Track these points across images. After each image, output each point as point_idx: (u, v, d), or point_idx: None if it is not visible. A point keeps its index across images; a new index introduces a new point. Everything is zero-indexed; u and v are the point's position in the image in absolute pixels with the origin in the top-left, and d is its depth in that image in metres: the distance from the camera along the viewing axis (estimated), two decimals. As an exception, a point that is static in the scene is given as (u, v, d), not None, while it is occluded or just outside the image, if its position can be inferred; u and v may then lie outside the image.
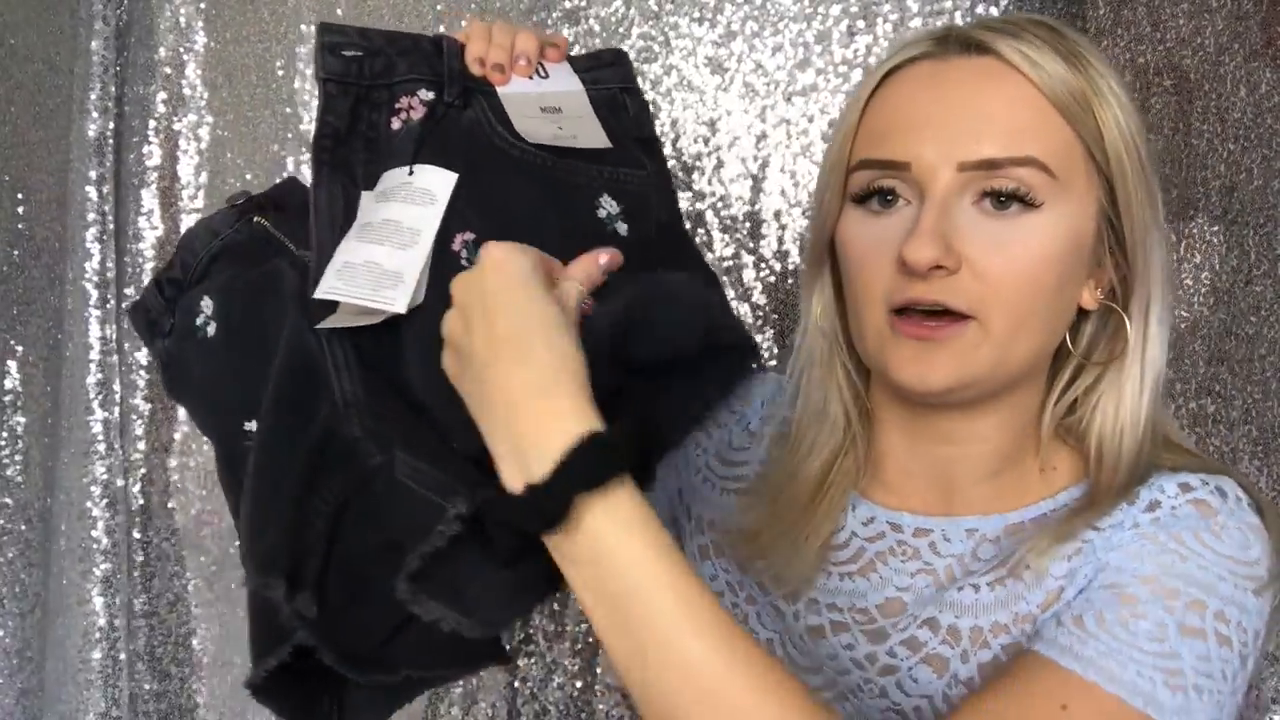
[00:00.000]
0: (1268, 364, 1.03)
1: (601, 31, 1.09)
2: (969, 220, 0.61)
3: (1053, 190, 0.61)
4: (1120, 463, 0.65)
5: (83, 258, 1.13)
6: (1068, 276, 0.63)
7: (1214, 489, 0.64)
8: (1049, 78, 0.61)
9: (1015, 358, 0.63)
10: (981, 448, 0.68)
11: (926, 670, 0.66)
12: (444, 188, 0.61)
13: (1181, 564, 0.60)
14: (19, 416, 1.21)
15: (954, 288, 0.60)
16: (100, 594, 1.13)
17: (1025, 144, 0.60)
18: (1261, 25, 1.03)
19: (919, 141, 0.61)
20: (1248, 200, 1.03)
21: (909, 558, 0.69)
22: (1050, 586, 0.64)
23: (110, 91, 1.14)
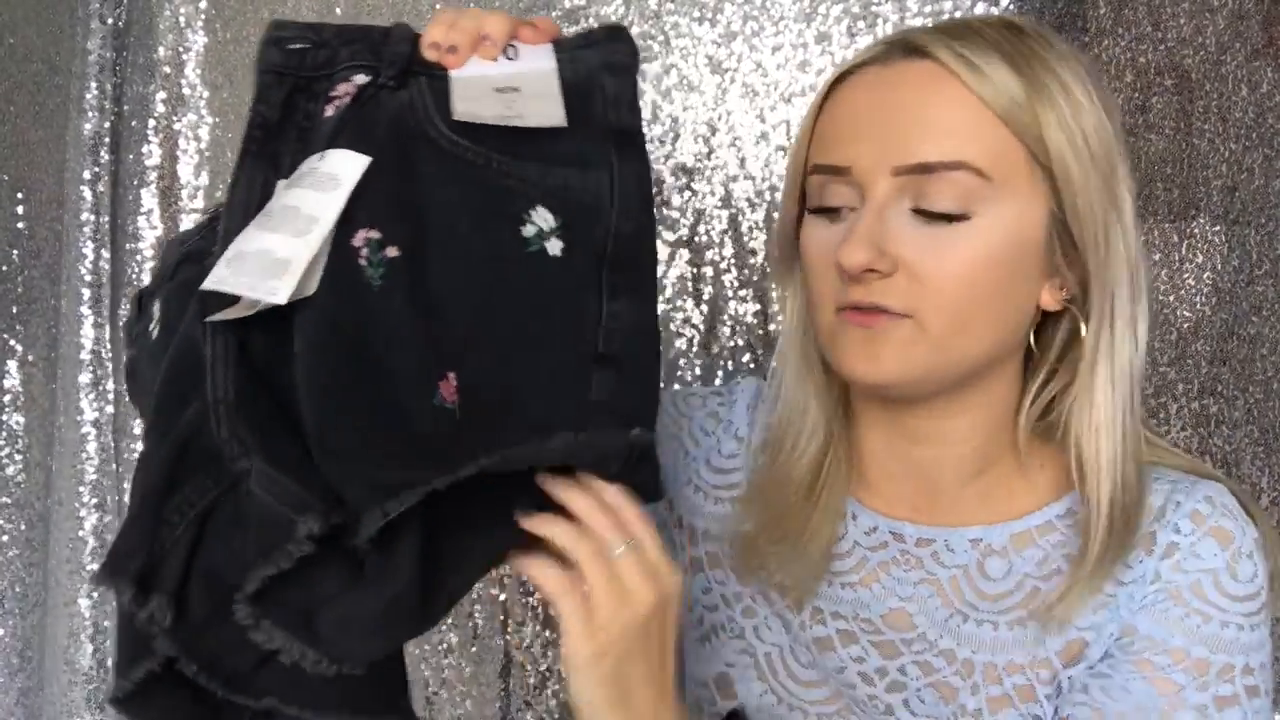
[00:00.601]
0: (1270, 364, 1.02)
1: (601, 31, 1.09)
2: (904, 224, 0.61)
3: (988, 194, 0.61)
4: (1100, 465, 0.65)
5: (77, 258, 1.13)
6: (1012, 279, 0.63)
7: (1221, 509, 0.64)
8: (987, 81, 0.61)
9: (958, 358, 0.63)
10: (959, 449, 0.68)
11: (934, 694, 0.66)
12: (351, 172, 0.55)
13: (1205, 626, 0.62)
14: (18, 416, 1.21)
15: (889, 290, 0.61)
16: (87, 595, 1.13)
17: (958, 148, 0.60)
18: (1263, 24, 1.03)
19: (858, 146, 0.62)
20: (1249, 200, 1.03)
21: (911, 568, 0.69)
22: (1071, 636, 0.65)
23: (107, 90, 1.13)
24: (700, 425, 0.78)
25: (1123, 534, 0.64)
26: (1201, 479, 0.67)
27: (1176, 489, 0.66)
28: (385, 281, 0.54)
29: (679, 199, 1.09)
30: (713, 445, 0.77)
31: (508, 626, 1.13)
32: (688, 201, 1.08)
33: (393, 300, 0.53)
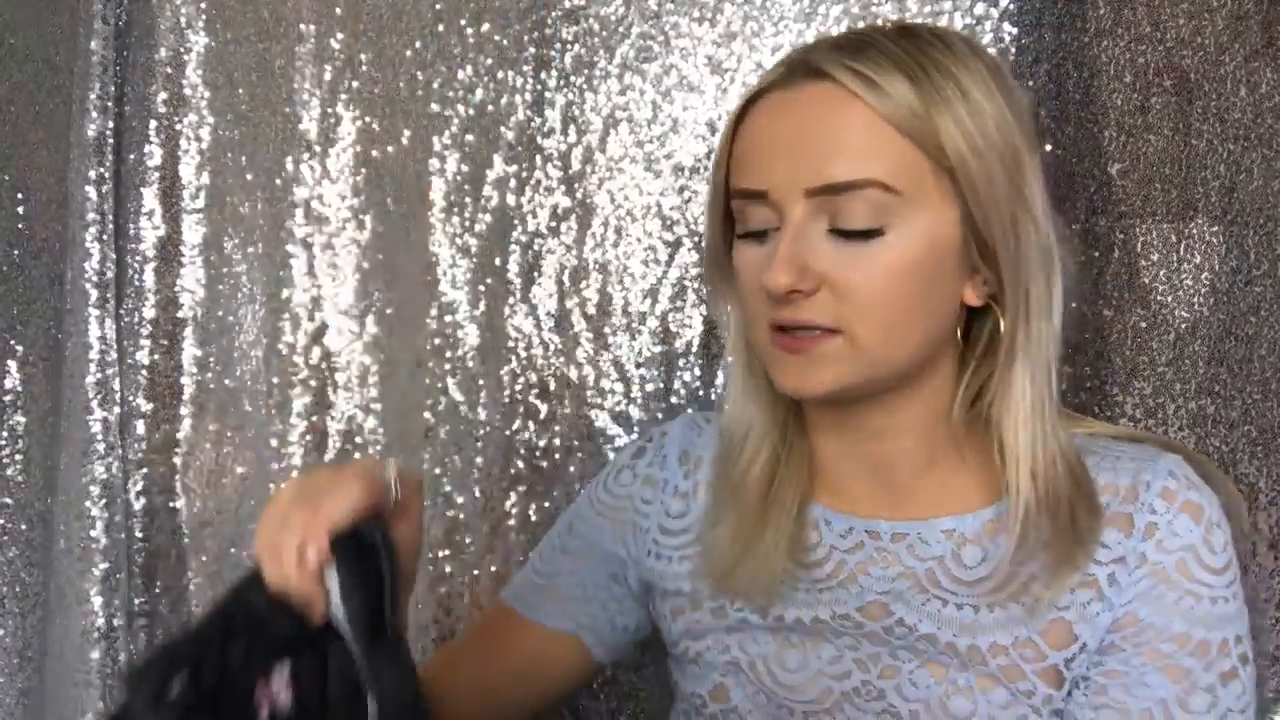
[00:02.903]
0: (1267, 364, 1.03)
1: (601, 31, 1.09)
2: (824, 243, 0.63)
3: (899, 207, 0.63)
4: (1019, 454, 0.67)
5: (82, 258, 1.13)
6: (932, 283, 0.65)
7: (1186, 481, 0.67)
8: (886, 97, 0.62)
9: (890, 364, 0.65)
10: (905, 441, 0.70)
11: (926, 674, 0.68)
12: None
13: (1198, 606, 0.65)
14: (19, 416, 1.22)
15: (816, 307, 0.64)
16: (99, 594, 1.13)
17: (866, 166, 0.62)
18: (1262, 25, 1.03)
19: (771, 170, 0.64)
20: (1248, 200, 1.03)
21: (889, 564, 0.70)
22: (1052, 616, 0.66)
23: (110, 91, 1.14)
24: (640, 498, 0.80)
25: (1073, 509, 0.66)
26: (1160, 452, 0.70)
27: (1141, 467, 0.68)
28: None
29: (678, 199, 1.09)
30: (659, 510, 0.79)
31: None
32: (687, 201, 1.08)
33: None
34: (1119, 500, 0.68)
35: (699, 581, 0.75)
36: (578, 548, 0.83)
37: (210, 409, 1.18)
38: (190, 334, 1.17)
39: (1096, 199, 1.04)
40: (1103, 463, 0.70)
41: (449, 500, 1.15)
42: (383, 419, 1.15)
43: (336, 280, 1.15)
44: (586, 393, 1.12)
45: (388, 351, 1.15)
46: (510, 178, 1.12)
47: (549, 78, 1.10)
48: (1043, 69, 1.03)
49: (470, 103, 1.12)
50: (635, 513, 0.80)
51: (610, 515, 0.81)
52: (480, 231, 1.13)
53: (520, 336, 1.13)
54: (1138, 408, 1.04)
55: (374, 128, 1.13)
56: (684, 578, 0.77)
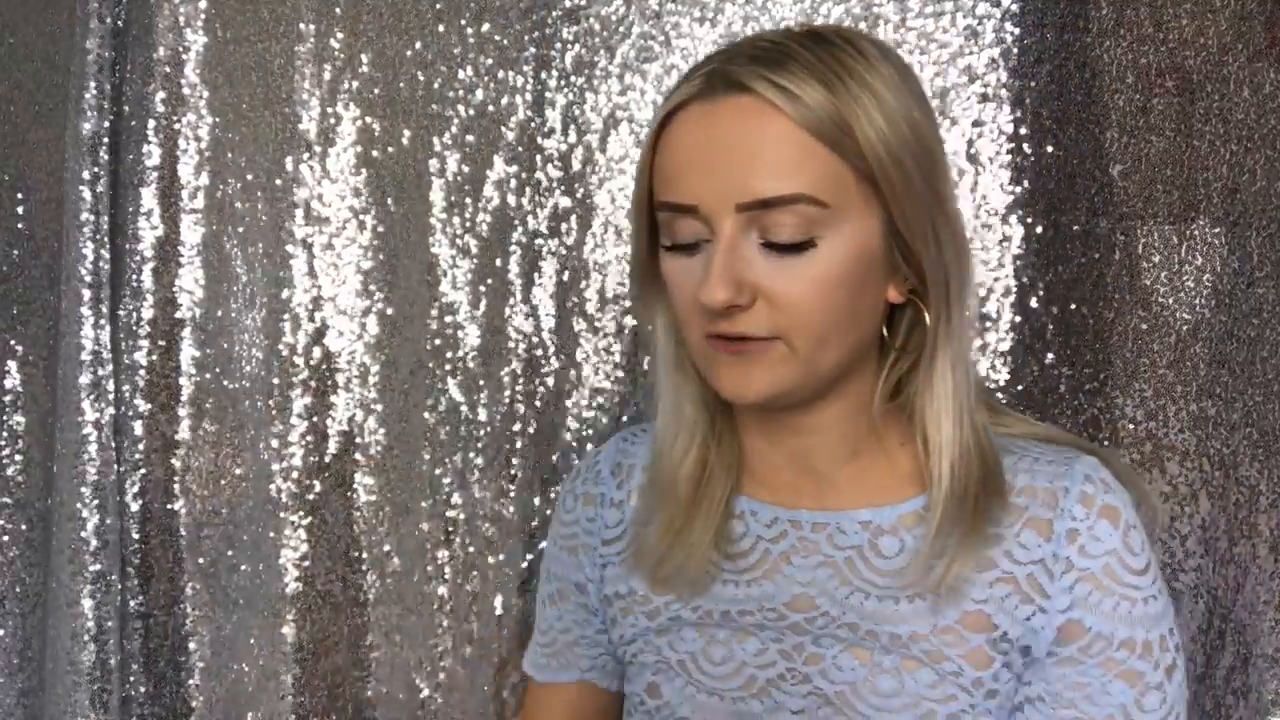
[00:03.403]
0: (1269, 367, 1.02)
1: (601, 30, 1.09)
2: (756, 256, 0.64)
3: (827, 219, 0.64)
4: (941, 444, 0.69)
5: (76, 257, 1.12)
6: (861, 288, 0.66)
7: (1102, 485, 0.70)
8: (806, 110, 0.62)
9: (824, 366, 0.67)
10: (829, 435, 0.72)
11: (850, 658, 0.71)
12: None
13: (1134, 609, 0.68)
14: (19, 416, 1.21)
15: (753, 320, 0.65)
16: (89, 595, 1.13)
17: (793, 181, 0.63)
18: (1265, 25, 1.03)
19: (699, 185, 0.65)
20: (1250, 202, 1.03)
21: (810, 553, 0.73)
22: (968, 608, 0.69)
23: (106, 90, 1.13)
24: (584, 518, 0.83)
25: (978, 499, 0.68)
26: (1076, 455, 0.72)
27: (1058, 472, 0.70)
28: None
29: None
30: (600, 526, 0.82)
31: (503, 628, 1.14)
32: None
33: None
34: (1037, 504, 0.70)
35: (633, 580, 0.78)
36: (557, 592, 0.85)
37: (208, 410, 1.17)
38: (188, 335, 1.16)
39: (1098, 200, 1.04)
40: (1020, 464, 0.71)
41: (449, 500, 1.14)
42: (383, 420, 1.15)
43: (337, 281, 1.15)
44: (586, 393, 1.11)
45: (388, 352, 1.15)
46: (510, 178, 1.11)
47: (549, 78, 1.10)
48: (1045, 69, 1.03)
49: (470, 103, 1.11)
50: (585, 534, 0.82)
51: (568, 546, 0.84)
52: (481, 232, 1.12)
53: (520, 337, 1.12)
54: (1138, 410, 1.03)
55: (374, 128, 1.13)
56: (621, 579, 0.79)
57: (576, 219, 1.11)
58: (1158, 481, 1.03)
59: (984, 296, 1.05)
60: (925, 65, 1.05)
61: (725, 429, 0.76)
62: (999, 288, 1.04)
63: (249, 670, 1.17)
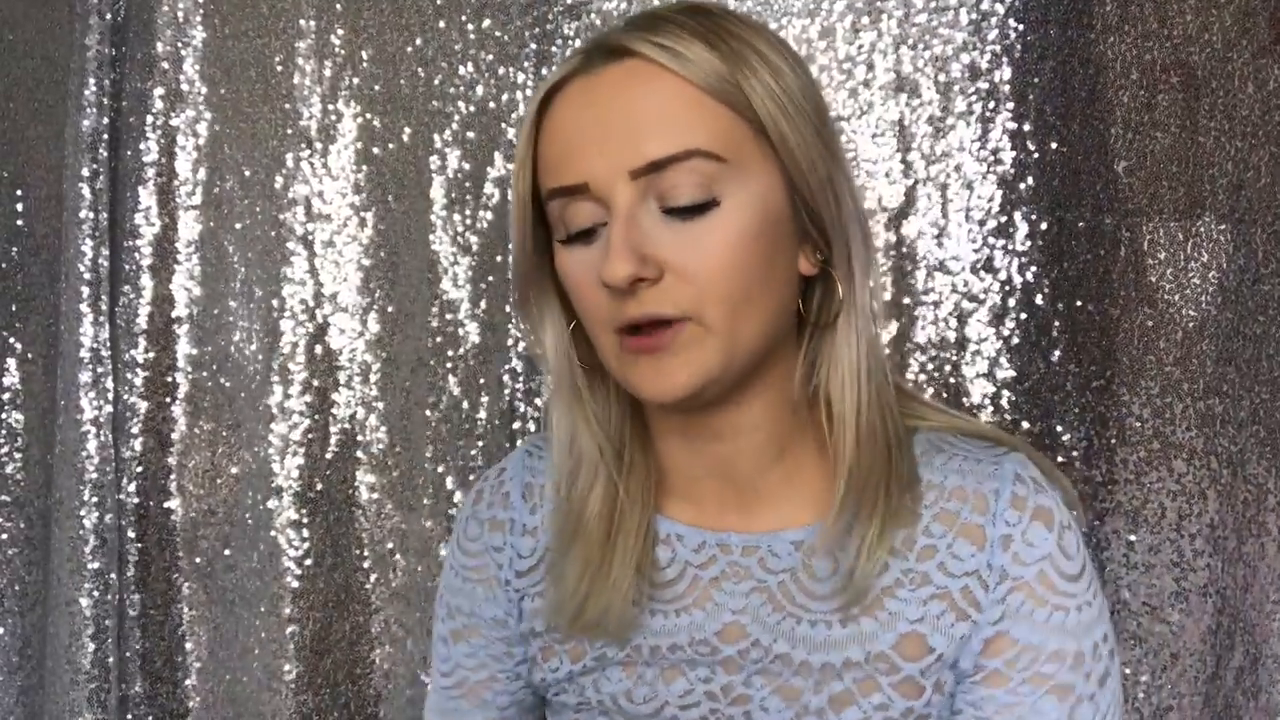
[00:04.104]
0: (1276, 364, 1.02)
1: (603, 26, 1.08)
2: (657, 226, 0.60)
3: (727, 175, 0.60)
4: (845, 415, 0.65)
5: (75, 255, 1.12)
6: (771, 251, 0.62)
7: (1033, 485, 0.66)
8: (692, 65, 0.60)
9: (744, 342, 0.62)
10: (755, 437, 0.67)
11: (778, 700, 0.67)
12: None
13: (1066, 619, 0.65)
14: (17, 414, 1.21)
15: (662, 296, 0.60)
16: (88, 594, 1.13)
17: (685, 137, 0.60)
18: (1270, 21, 1.02)
19: (587, 160, 0.61)
20: (1256, 198, 1.02)
21: (741, 578, 0.68)
22: (903, 629, 0.65)
23: (105, 87, 1.13)
24: (492, 547, 0.76)
25: (871, 479, 0.64)
26: (1004, 453, 0.68)
27: (986, 472, 0.67)
28: None
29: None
30: (510, 555, 0.75)
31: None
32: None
33: None
34: (969, 509, 0.66)
35: (556, 620, 0.71)
36: (464, 628, 0.77)
37: (205, 408, 1.17)
38: (186, 332, 1.16)
39: (1103, 197, 1.03)
40: (950, 464, 0.68)
41: (449, 499, 1.14)
42: (384, 417, 1.15)
43: (337, 278, 1.14)
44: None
45: (389, 350, 1.14)
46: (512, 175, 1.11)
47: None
48: (1049, 65, 1.03)
49: (471, 99, 1.11)
50: (494, 565, 0.75)
51: (476, 578, 0.76)
52: (481, 229, 1.12)
53: (521, 334, 1.12)
54: (1145, 407, 1.03)
55: (375, 124, 1.13)
56: (540, 616, 0.73)
57: (578, 216, 1.10)
58: (1165, 480, 1.02)
59: (988, 292, 1.04)
60: (929, 61, 1.04)
61: (637, 450, 0.70)
62: (1005, 285, 1.04)
63: (247, 669, 1.17)
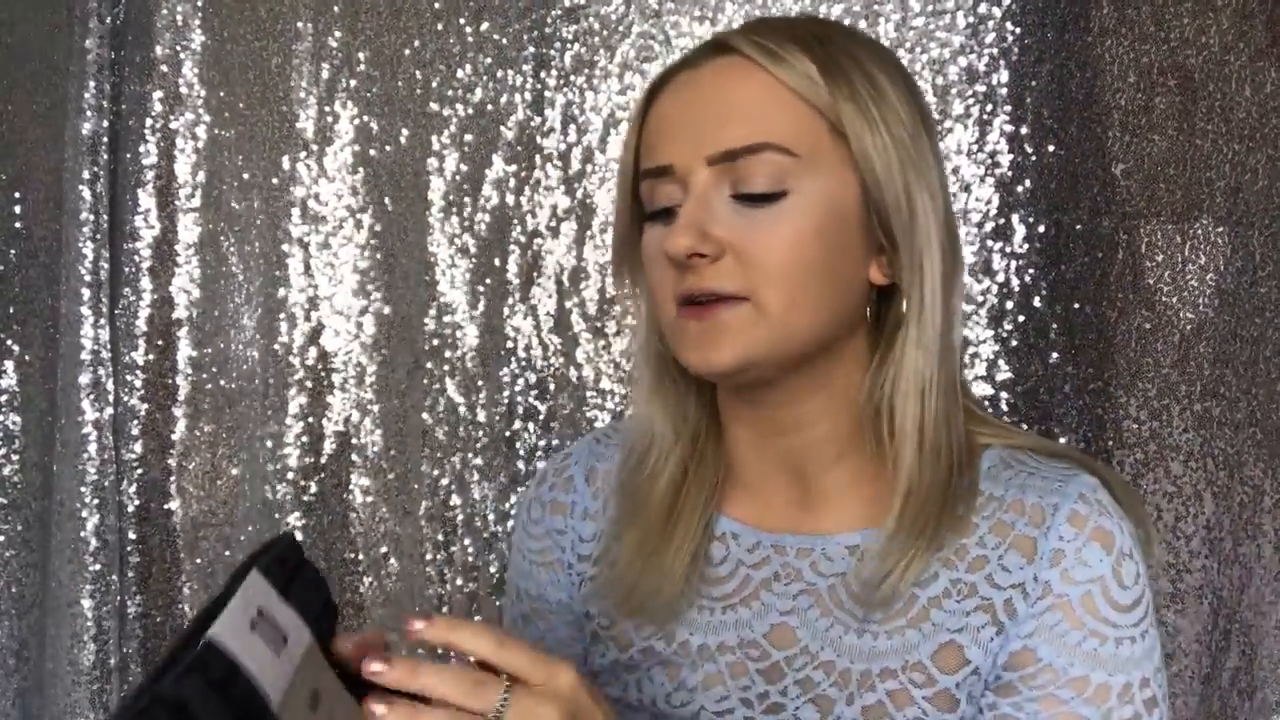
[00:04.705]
0: (1273, 366, 1.02)
1: (601, 30, 1.09)
2: (727, 209, 0.63)
3: (799, 170, 0.63)
4: (905, 430, 0.65)
5: (75, 257, 1.12)
6: (835, 251, 0.64)
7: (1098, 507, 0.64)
8: (784, 64, 0.63)
9: (796, 333, 0.64)
10: (816, 432, 0.68)
11: (811, 709, 0.66)
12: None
13: (1102, 648, 0.62)
14: (15, 416, 1.21)
15: (721, 273, 0.63)
16: (90, 595, 1.13)
17: (762, 130, 0.62)
18: (1267, 24, 1.03)
19: (675, 144, 0.65)
20: (1253, 201, 1.02)
21: (791, 580, 0.69)
22: (943, 639, 0.64)
23: (105, 90, 1.13)
24: (554, 529, 0.77)
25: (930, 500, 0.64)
26: (1077, 473, 0.67)
27: (1050, 488, 0.66)
28: None
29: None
30: (573, 538, 0.77)
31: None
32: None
33: None
34: (1024, 521, 0.65)
35: (604, 603, 0.72)
36: (533, 611, 0.78)
37: (205, 410, 1.17)
38: (185, 334, 1.16)
39: (1100, 199, 1.03)
40: (1015, 479, 0.67)
41: (447, 502, 1.14)
42: (380, 420, 1.15)
43: (334, 280, 1.14)
44: (586, 393, 1.11)
45: (385, 352, 1.14)
46: (510, 177, 1.11)
47: (549, 77, 1.10)
48: (1046, 68, 1.03)
49: (469, 102, 1.11)
50: (557, 549, 0.76)
51: (540, 561, 0.77)
52: (479, 231, 1.12)
53: (520, 337, 1.12)
54: (1142, 409, 1.03)
55: (372, 127, 1.13)
56: (593, 599, 0.73)
57: (576, 219, 1.10)
58: (1162, 482, 1.02)
59: (986, 294, 1.04)
60: (926, 64, 1.04)
61: (709, 443, 0.72)
62: (1003, 287, 1.04)
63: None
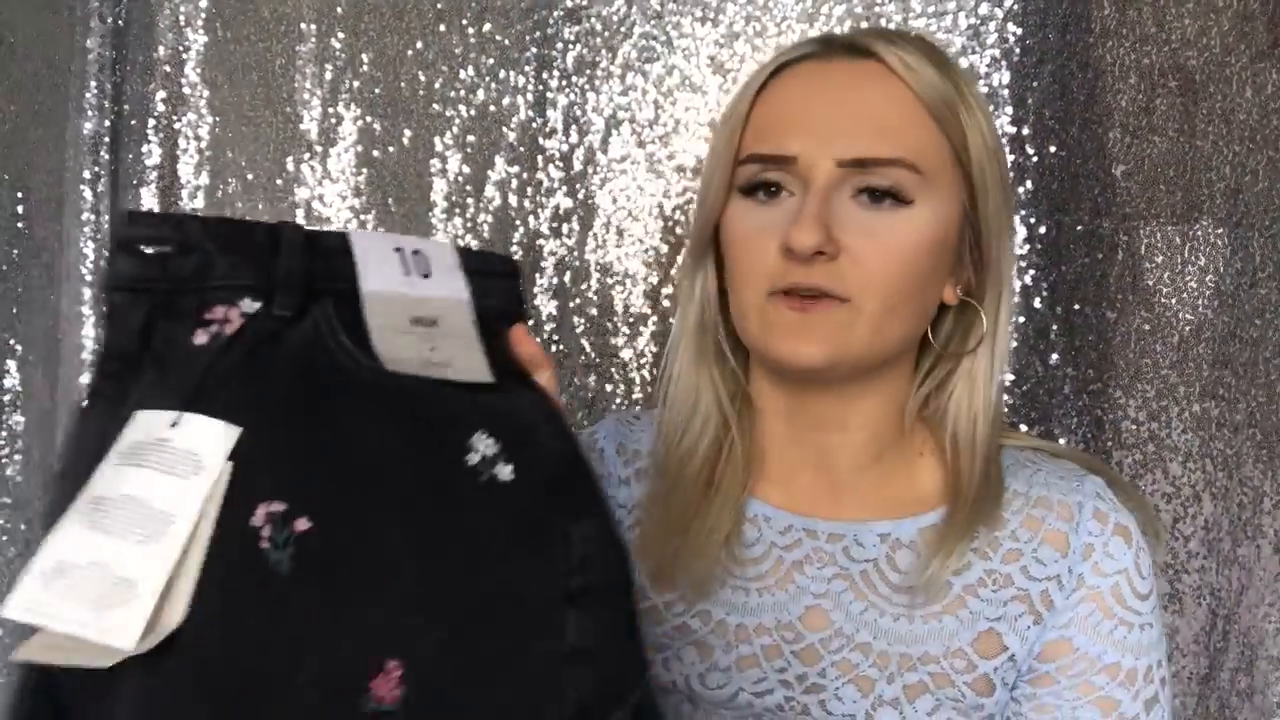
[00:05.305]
0: (1272, 367, 1.02)
1: (603, 30, 1.09)
2: (847, 211, 0.64)
3: (921, 187, 0.64)
4: (975, 448, 0.68)
5: (77, 258, 1.12)
6: (935, 268, 0.66)
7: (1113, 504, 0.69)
8: (923, 82, 0.64)
9: (887, 340, 0.66)
10: (857, 435, 0.70)
11: (852, 689, 0.67)
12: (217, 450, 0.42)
13: (1129, 635, 0.66)
14: (18, 416, 1.21)
15: (833, 273, 0.63)
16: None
17: (897, 145, 0.63)
18: (1268, 26, 1.03)
19: (803, 137, 0.65)
20: (1253, 203, 1.02)
21: (825, 564, 0.70)
22: (982, 627, 0.67)
23: (106, 90, 1.13)
24: None
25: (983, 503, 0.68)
26: (1085, 473, 0.71)
27: (1069, 487, 0.69)
28: (295, 564, 0.41)
29: (680, 200, 1.08)
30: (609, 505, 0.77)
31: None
32: (689, 202, 1.08)
33: (305, 588, 0.41)
34: (1054, 517, 0.68)
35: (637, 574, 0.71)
36: None
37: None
38: (190, 334, 1.16)
39: (1100, 200, 1.04)
40: (1035, 477, 0.70)
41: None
42: (383, 420, 1.15)
43: (337, 281, 1.15)
44: (588, 394, 1.11)
45: (388, 352, 1.15)
46: (512, 178, 1.11)
47: (551, 78, 1.10)
48: (1047, 69, 1.03)
49: (472, 103, 1.11)
50: None
51: None
52: (482, 232, 1.12)
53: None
54: (1141, 410, 1.03)
55: (375, 128, 1.13)
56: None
57: (578, 219, 1.10)
58: (1160, 483, 1.03)
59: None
60: (928, 65, 1.05)
61: (743, 427, 0.72)
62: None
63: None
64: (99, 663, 0.40)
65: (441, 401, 0.46)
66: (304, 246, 0.47)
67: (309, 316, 0.46)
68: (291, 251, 0.47)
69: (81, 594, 0.40)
